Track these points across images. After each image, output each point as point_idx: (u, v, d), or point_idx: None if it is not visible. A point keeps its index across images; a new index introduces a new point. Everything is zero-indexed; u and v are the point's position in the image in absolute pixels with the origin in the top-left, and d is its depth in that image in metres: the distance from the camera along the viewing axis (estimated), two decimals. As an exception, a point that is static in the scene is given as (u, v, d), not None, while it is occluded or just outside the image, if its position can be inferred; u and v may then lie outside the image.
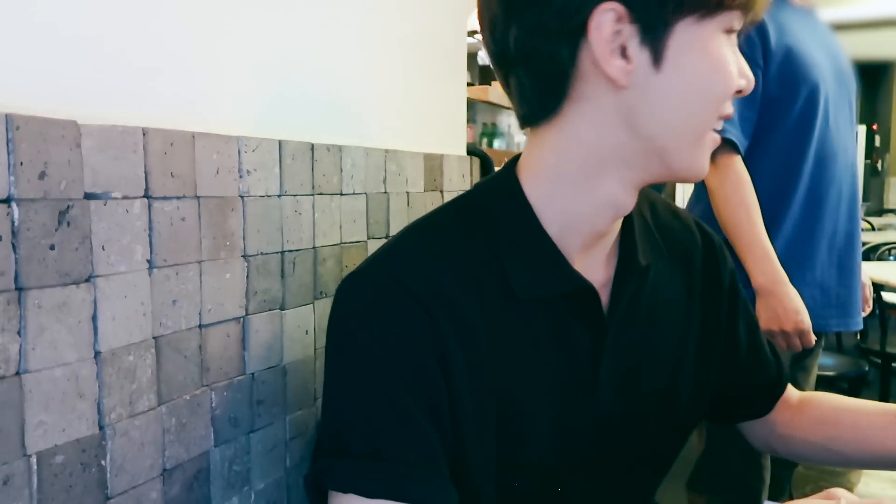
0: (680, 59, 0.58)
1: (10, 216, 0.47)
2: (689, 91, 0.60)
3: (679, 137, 0.61)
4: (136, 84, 0.60)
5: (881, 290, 2.91)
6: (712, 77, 0.60)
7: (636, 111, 0.60)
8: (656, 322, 0.72)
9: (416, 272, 0.61)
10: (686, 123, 0.61)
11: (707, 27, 0.59)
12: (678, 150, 0.62)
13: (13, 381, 0.47)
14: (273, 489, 0.74)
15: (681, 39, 0.58)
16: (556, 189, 0.65)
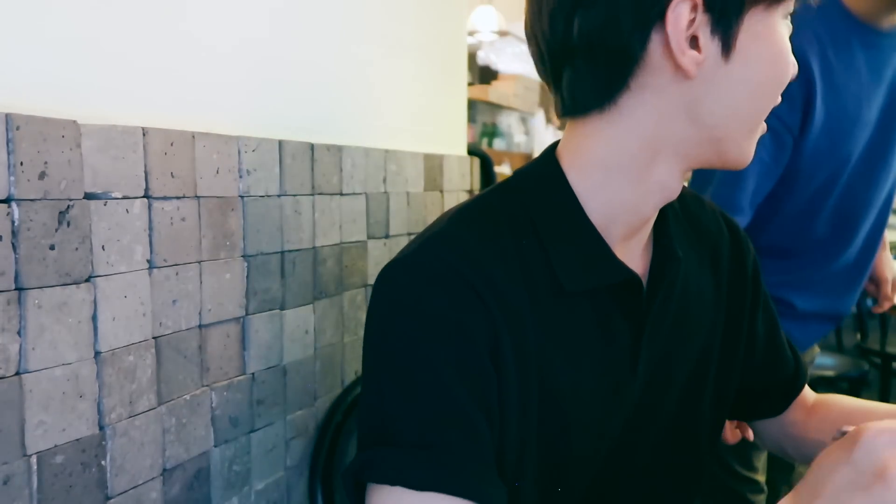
0: (748, 50, 0.58)
1: (10, 216, 0.47)
2: (756, 81, 0.59)
3: (739, 127, 0.61)
4: (136, 84, 0.60)
5: (881, 290, 2.91)
6: (776, 66, 0.60)
7: (701, 101, 0.59)
8: (686, 314, 0.72)
9: (467, 259, 0.58)
10: (748, 113, 0.60)
11: (774, 15, 0.58)
12: (735, 139, 0.61)
13: (13, 381, 0.47)
14: (273, 489, 0.74)
15: (750, 29, 0.58)
16: (606, 179, 0.63)
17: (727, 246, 0.77)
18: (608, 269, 0.63)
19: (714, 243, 0.76)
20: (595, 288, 0.63)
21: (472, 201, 0.67)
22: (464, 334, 0.56)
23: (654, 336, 0.68)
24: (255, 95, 0.74)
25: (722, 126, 0.60)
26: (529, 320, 0.60)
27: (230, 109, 0.71)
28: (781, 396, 0.83)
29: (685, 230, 0.73)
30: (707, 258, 0.75)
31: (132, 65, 0.59)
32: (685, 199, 0.77)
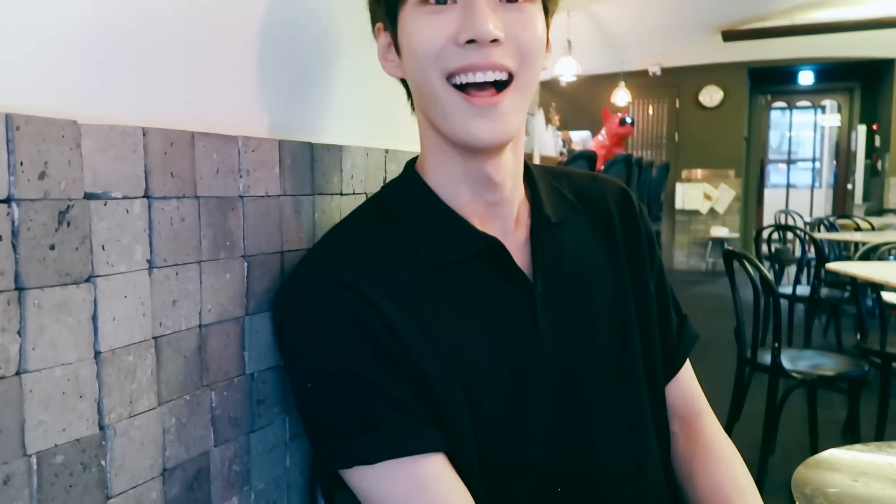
0: (403, 44, 0.70)
1: (10, 216, 0.47)
2: (411, 66, 0.70)
3: (429, 106, 0.70)
4: (136, 84, 0.60)
5: (881, 290, 2.91)
6: (412, 46, 0.68)
7: (413, 90, 0.73)
8: (584, 276, 0.78)
9: (343, 263, 0.68)
10: (424, 92, 0.69)
11: (406, 9, 0.68)
12: (436, 118, 0.70)
13: (13, 381, 0.47)
14: (273, 489, 0.74)
15: (401, 27, 0.70)
16: (437, 171, 0.74)
17: (617, 208, 0.83)
18: (467, 240, 0.72)
19: (602, 206, 0.83)
20: (466, 259, 0.71)
21: (344, 218, 0.78)
22: (355, 329, 0.65)
23: (550, 295, 0.74)
24: (256, 95, 0.74)
25: (423, 108, 0.72)
26: (416, 291, 0.68)
27: (230, 109, 0.71)
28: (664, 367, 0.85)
29: (564, 200, 0.81)
30: (600, 227, 0.82)
31: (132, 65, 0.59)
32: (571, 177, 0.85)
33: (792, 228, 5.12)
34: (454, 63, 0.66)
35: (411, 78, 0.71)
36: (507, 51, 0.66)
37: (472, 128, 0.67)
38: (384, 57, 0.75)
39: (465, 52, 0.65)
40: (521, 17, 0.67)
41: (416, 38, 0.67)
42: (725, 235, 8.27)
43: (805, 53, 7.80)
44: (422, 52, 0.67)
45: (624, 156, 4.38)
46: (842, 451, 1.28)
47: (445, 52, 0.66)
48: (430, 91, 0.68)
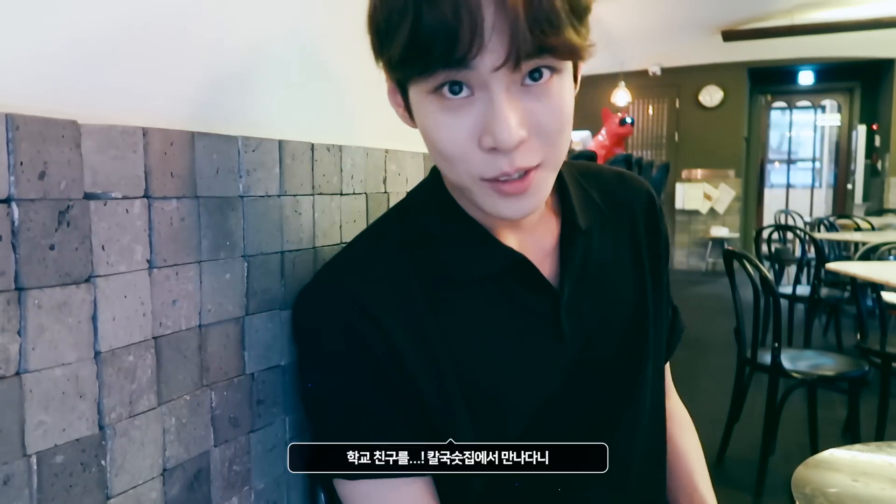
0: (417, 118, 0.65)
1: (10, 216, 0.47)
2: (429, 150, 0.65)
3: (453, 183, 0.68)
4: (136, 84, 0.60)
5: (881, 290, 2.91)
6: (429, 139, 0.63)
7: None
8: (610, 278, 0.78)
9: (356, 281, 0.69)
10: (446, 175, 0.68)
11: (417, 91, 0.62)
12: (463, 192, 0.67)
13: (13, 381, 0.47)
14: (273, 489, 0.74)
15: (412, 100, 0.64)
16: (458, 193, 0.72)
17: (643, 211, 0.84)
18: (492, 257, 0.71)
19: (628, 207, 0.83)
20: (492, 273, 0.71)
21: (372, 224, 0.78)
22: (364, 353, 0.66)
23: (575, 303, 0.74)
24: (255, 95, 0.74)
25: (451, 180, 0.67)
26: (430, 319, 0.69)
27: (230, 109, 0.71)
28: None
29: (592, 203, 0.80)
30: (625, 231, 0.82)
31: (132, 65, 0.59)
32: (599, 175, 0.84)
33: (792, 228, 5.13)
34: (488, 172, 0.61)
35: (433, 158, 0.66)
36: (531, 147, 0.60)
37: (501, 209, 0.64)
38: (394, 102, 0.68)
39: (493, 158, 0.60)
40: (547, 100, 0.60)
41: (438, 137, 0.61)
42: (725, 235, 8.27)
43: (805, 53, 7.80)
44: (447, 153, 0.62)
45: (624, 156, 4.38)
46: (842, 451, 1.28)
47: (472, 155, 0.60)
48: (457, 181, 0.65)
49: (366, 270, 0.70)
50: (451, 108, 0.60)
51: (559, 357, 0.73)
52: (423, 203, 0.75)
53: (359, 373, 0.67)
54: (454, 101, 0.59)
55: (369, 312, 0.66)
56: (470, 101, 0.59)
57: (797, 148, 10.41)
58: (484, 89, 0.58)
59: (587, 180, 0.82)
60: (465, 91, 0.59)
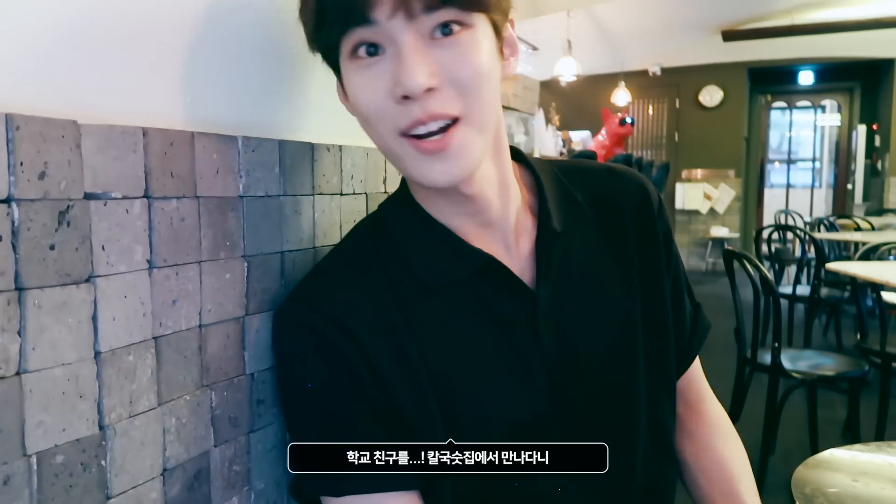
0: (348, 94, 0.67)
1: (10, 216, 0.47)
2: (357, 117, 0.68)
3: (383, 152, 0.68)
4: (136, 84, 0.60)
5: (881, 290, 2.91)
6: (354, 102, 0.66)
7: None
8: (595, 282, 0.77)
9: (329, 295, 0.69)
10: (375, 141, 0.68)
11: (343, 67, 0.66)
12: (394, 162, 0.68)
13: (13, 381, 0.47)
14: (273, 489, 0.74)
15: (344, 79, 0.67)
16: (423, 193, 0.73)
17: (632, 204, 0.80)
18: (463, 260, 0.71)
19: (616, 215, 0.80)
20: (464, 278, 0.71)
21: (344, 237, 0.78)
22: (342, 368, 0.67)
23: (555, 306, 0.73)
24: (255, 95, 0.74)
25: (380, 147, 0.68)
26: (405, 328, 0.68)
27: (230, 109, 0.71)
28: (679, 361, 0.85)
29: (574, 204, 0.78)
30: (612, 231, 0.79)
31: (132, 65, 0.59)
32: (590, 173, 0.82)
33: (792, 228, 5.13)
34: (403, 121, 0.62)
35: (363, 128, 0.69)
36: (446, 96, 0.62)
37: (426, 172, 0.64)
38: (342, 96, 0.71)
39: (406, 108, 0.61)
40: (458, 52, 0.62)
41: (358, 97, 0.65)
42: (725, 235, 8.27)
43: (805, 53, 7.80)
44: (365, 111, 0.64)
45: (624, 156, 4.38)
46: (842, 451, 1.28)
47: (388, 109, 0.62)
48: (382, 144, 0.66)
49: (339, 287, 0.70)
50: (368, 67, 0.63)
51: (537, 363, 0.72)
52: (393, 213, 0.76)
53: (339, 389, 0.67)
54: (369, 61, 0.63)
55: (346, 328, 0.67)
56: (383, 59, 0.62)
57: (797, 148, 10.42)
58: (393, 44, 0.61)
59: (572, 179, 0.80)
60: (380, 50, 0.62)
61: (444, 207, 0.72)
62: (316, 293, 0.70)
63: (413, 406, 0.67)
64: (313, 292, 0.71)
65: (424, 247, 0.72)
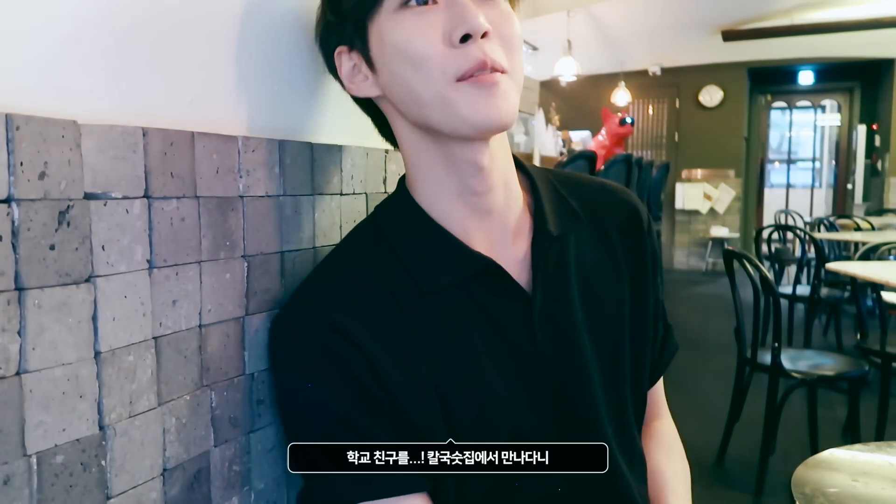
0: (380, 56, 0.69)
1: (10, 216, 0.47)
2: (400, 76, 0.68)
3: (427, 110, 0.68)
4: (136, 84, 0.60)
5: (881, 290, 2.91)
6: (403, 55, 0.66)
7: (398, 104, 0.71)
8: (589, 288, 0.77)
9: (329, 300, 0.69)
10: (418, 99, 0.68)
11: (380, 19, 0.67)
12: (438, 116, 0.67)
13: (13, 381, 0.47)
14: (273, 489, 0.74)
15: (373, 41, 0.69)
16: (425, 185, 0.73)
17: (622, 221, 0.82)
18: (461, 262, 0.71)
19: (608, 227, 0.81)
20: (461, 281, 0.70)
21: (342, 240, 0.78)
22: (345, 373, 0.66)
23: (551, 310, 0.73)
24: (255, 95, 0.74)
25: (420, 116, 0.69)
26: (403, 326, 0.68)
27: (230, 109, 0.71)
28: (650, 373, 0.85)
29: (568, 209, 0.79)
30: (604, 241, 0.80)
31: (132, 65, 0.59)
32: (579, 182, 0.84)
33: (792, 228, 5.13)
34: (464, 64, 0.64)
35: (401, 86, 0.68)
36: (495, 47, 0.66)
37: (483, 108, 0.65)
38: (350, 80, 0.73)
39: (465, 51, 0.64)
40: (501, 12, 0.68)
41: (410, 43, 0.65)
42: (725, 235, 8.27)
43: (805, 53, 7.80)
44: (418, 56, 0.65)
45: (624, 156, 4.38)
46: (842, 451, 1.28)
47: (445, 54, 0.64)
48: (433, 90, 0.66)
49: (339, 292, 0.70)
50: (422, 14, 0.66)
51: (534, 366, 0.72)
52: (391, 215, 0.76)
53: (344, 395, 0.67)
54: (422, 9, 0.66)
55: (348, 334, 0.67)
56: (435, 8, 0.66)
57: (797, 148, 10.42)
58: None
59: (566, 187, 0.81)
60: (431, 1, 0.66)
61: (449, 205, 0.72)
62: (316, 299, 0.70)
63: (416, 409, 0.67)
64: (313, 298, 0.70)
65: (422, 249, 0.72)
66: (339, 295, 0.70)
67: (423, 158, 0.72)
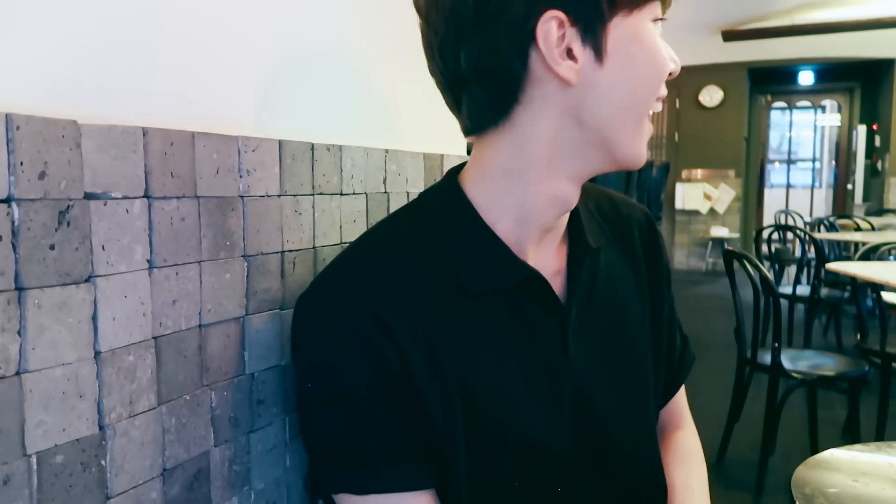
0: (619, 52, 0.64)
1: (10, 216, 0.47)
2: (631, 79, 0.65)
3: (623, 124, 0.67)
4: (136, 84, 0.60)
5: (881, 290, 2.91)
6: (650, 62, 0.66)
7: (584, 105, 0.65)
8: (617, 301, 0.78)
9: (368, 286, 0.66)
10: (629, 109, 0.66)
11: (638, 19, 0.65)
12: (621, 138, 0.67)
13: (13, 381, 0.47)
14: (273, 489, 0.74)
15: (617, 33, 0.64)
16: (506, 187, 0.69)
17: (641, 234, 0.83)
18: (506, 270, 0.69)
19: (627, 233, 0.82)
20: (503, 287, 0.69)
21: (378, 223, 0.75)
22: (368, 357, 0.64)
23: (582, 324, 0.73)
24: (255, 95, 0.74)
25: (606, 126, 0.66)
26: (438, 326, 0.66)
27: (230, 109, 0.71)
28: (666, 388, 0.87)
29: (600, 225, 0.79)
30: (628, 253, 0.81)
31: (132, 65, 0.59)
32: (599, 200, 0.83)
33: (792, 228, 5.13)
34: (664, 91, 0.68)
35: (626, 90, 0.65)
36: None
37: (644, 151, 0.69)
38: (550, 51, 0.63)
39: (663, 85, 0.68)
40: None
41: (661, 57, 0.66)
42: (725, 235, 8.27)
43: (805, 53, 7.80)
44: (662, 72, 0.66)
45: (624, 156, 4.37)
46: (842, 451, 1.28)
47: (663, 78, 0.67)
48: (640, 109, 0.67)
49: (379, 276, 0.66)
50: (659, 33, 0.67)
51: (564, 379, 0.71)
52: (439, 207, 0.72)
53: (372, 387, 0.65)
54: (659, 28, 0.67)
55: (384, 322, 0.64)
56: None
57: (797, 148, 10.42)
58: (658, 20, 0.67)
59: (590, 200, 0.81)
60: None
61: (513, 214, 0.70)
62: (354, 280, 0.66)
63: (439, 409, 0.66)
64: (351, 279, 0.67)
65: (471, 250, 0.69)
66: (378, 279, 0.66)
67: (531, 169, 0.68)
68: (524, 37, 0.62)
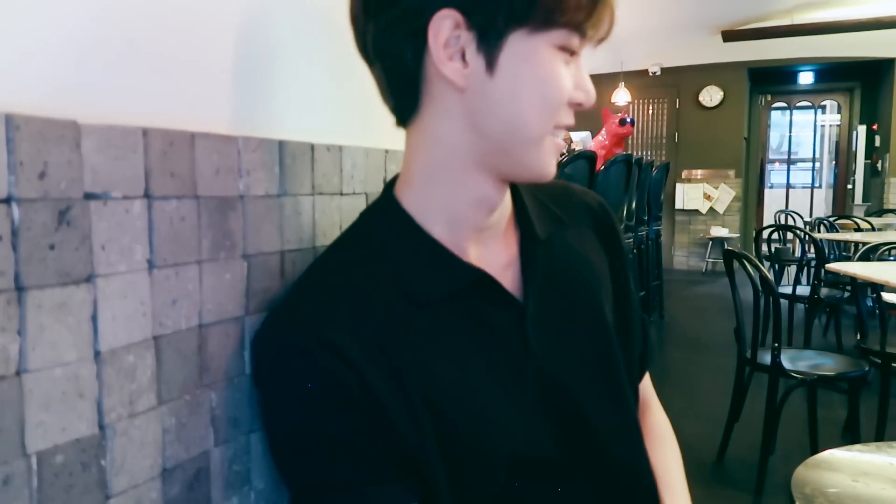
0: (512, 68, 0.63)
1: (10, 216, 0.47)
2: (521, 98, 0.64)
3: (517, 140, 0.66)
4: (136, 84, 0.60)
5: (881, 290, 2.91)
6: (537, 88, 0.64)
7: (477, 113, 0.65)
8: (579, 286, 0.77)
9: (318, 315, 0.65)
10: (521, 127, 0.65)
11: (538, 40, 0.63)
12: (519, 152, 0.66)
13: (13, 381, 0.47)
14: (273, 489, 0.74)
15: (513, 49, 0.63)
16: (430, 189, 0.70)
17: (595, 219, 0.84)
18: (453, 274, 0.69)
19: (586, 225, 0.82)
20: (452, 292, 0.69)
21: (325, 250, 0.74)
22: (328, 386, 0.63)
23: (541, 314, 0.73)
24: (255, 95, 0.74)
25: (503, 139, 0.66)
26: (396, 344, 0.66)
27: (230, 109, 0.71)
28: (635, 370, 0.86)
29: (550, 212, 0.79)
30: (585, 239, 0.81)
31: (132, 65, 0.59)
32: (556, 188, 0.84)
33: (792, 228, 5.13)
34: (566, 120, 0.67)
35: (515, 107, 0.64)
36: None
37: (551, 165, 0.69)
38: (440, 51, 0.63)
39: (569, 113, 0.68)
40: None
41: (555, 86, 0.64)
42: (725, 235, 8.27)
43: (805, 53, 7.80)
44: (556, 101, 0.65)
45: (624, 156, 4.38)
46: (842, 451, 1.28)
47: (563, 105, 0.67)
48: (531, 132, 0.66)
49: (327, 304, 0.66)
50: (566, 64, 0.66)
51: (529, 373, 0.71)
52: (378, 224, 0.73)
53: (336, 417, 0.64)
54: (568, 59, 0.66)
55: (338, 350, 0.63)
56: (571, 62, 0.66)
57: (797, 148, 10.42)
58: (576, 56, 0.67)
59: (540, 191, 0.81)
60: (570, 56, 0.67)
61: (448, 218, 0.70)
62: (301, 313, 0.67)
63: (407, 425, 0.65)
64: (299, 312, 0.67)
65: (415, 260, 0.69)
66: (328, 308, 0.66)
67: (446, 171, 0.69)
68: (417, 28, 0.63)
